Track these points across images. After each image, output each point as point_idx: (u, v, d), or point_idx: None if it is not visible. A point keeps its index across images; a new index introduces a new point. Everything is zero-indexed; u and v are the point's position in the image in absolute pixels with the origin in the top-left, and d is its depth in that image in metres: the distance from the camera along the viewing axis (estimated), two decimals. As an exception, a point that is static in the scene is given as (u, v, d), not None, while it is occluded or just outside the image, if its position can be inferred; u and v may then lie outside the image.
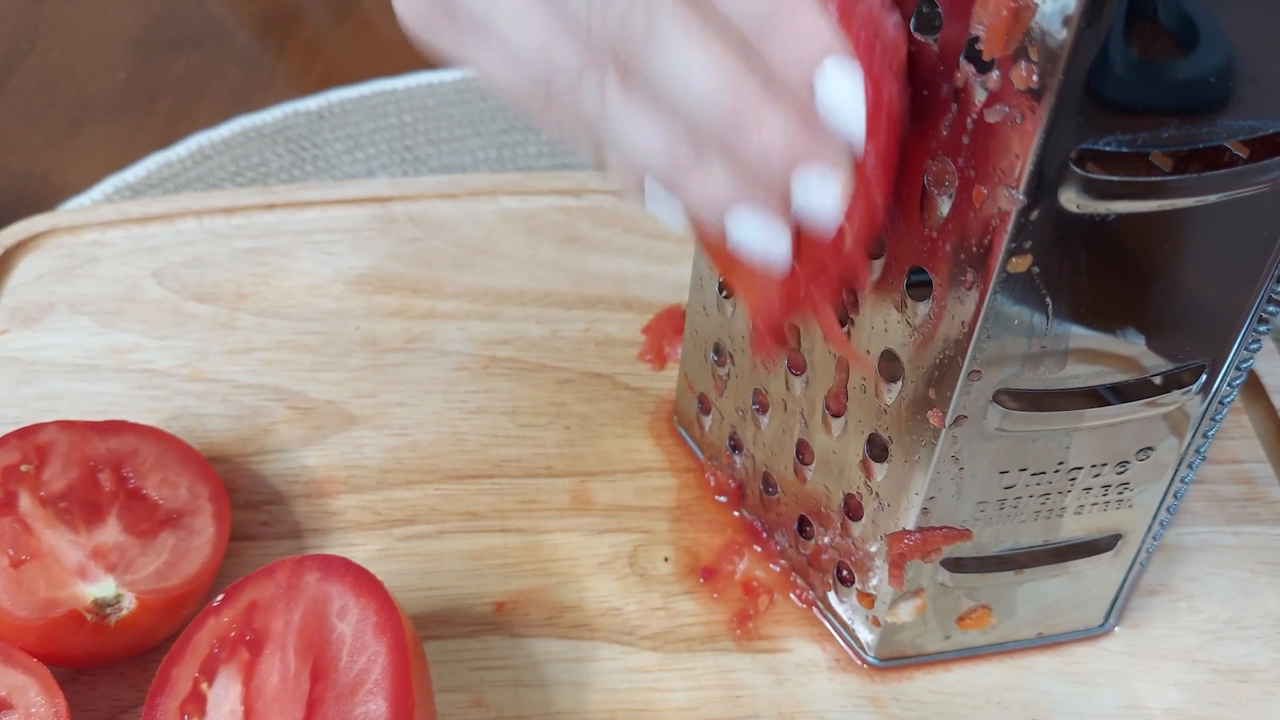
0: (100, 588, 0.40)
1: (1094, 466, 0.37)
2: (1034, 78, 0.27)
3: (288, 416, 0.50)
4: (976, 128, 0.29)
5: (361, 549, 0.46)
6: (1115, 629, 0.45)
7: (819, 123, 0.31)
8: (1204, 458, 0.39)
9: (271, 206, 0.59)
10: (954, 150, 0.30)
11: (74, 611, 0.39)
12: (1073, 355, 0.33)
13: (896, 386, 0.36)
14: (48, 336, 0.53)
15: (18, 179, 0.65)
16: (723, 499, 0.48)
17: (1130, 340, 0.34)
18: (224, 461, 0.48)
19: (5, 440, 0.43)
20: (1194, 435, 0.38)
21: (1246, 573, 0.47)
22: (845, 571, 0.42)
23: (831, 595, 0.43)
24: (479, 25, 0.35)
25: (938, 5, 0.29)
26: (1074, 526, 0.39)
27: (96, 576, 0.40)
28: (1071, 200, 0.29)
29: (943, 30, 0.29)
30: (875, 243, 0.34)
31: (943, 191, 0.31)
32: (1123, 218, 0.30)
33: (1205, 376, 0.36)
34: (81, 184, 0.65)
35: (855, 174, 0.31)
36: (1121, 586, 0.43)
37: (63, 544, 0.41)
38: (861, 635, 0.43)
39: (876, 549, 0.40)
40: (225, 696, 0.37)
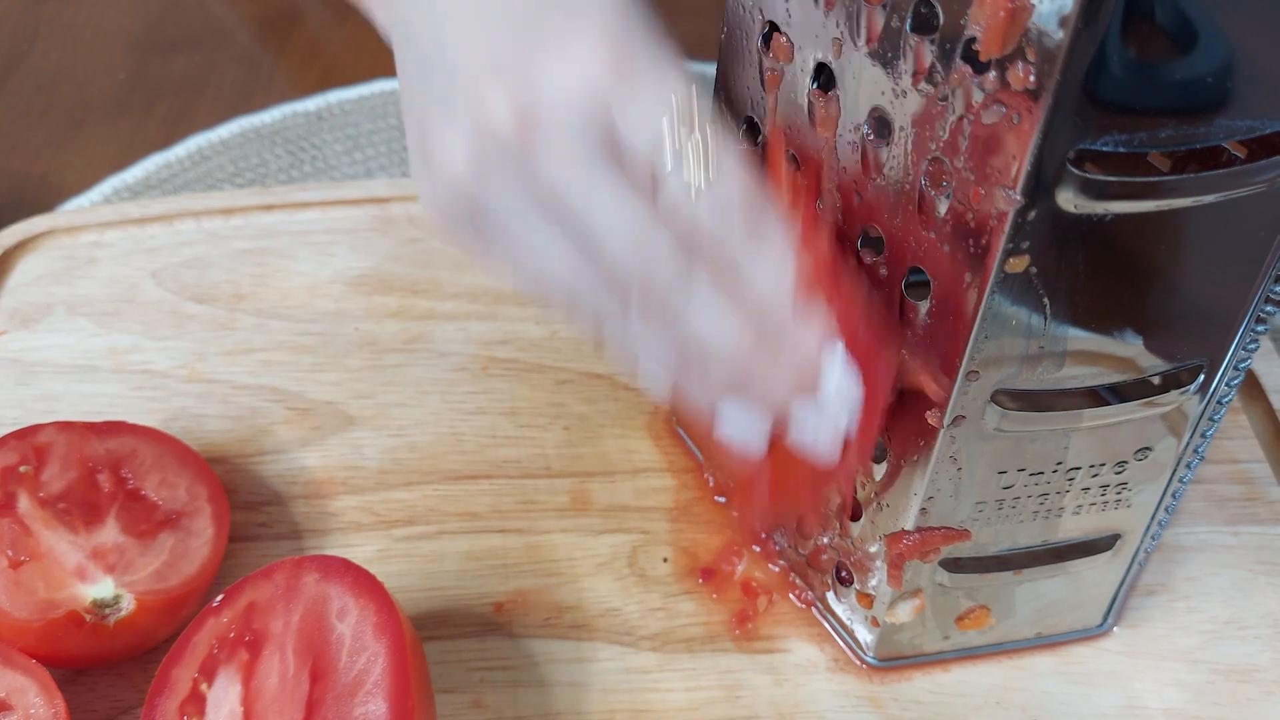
0: (99, 588, 0.40)
1: (1092, 467, 0.37)
2: (1031, 78, 0.27)
3: (286, 417, 0.50)
4: (974, 128, 0.29)
5: (361, 550, 0.46)
6: (1114, 629, 0.45)
7: (815, 386, 0.35)
8: (1202, 458, 0.39)
9: (270, 207, 0.59)
10: (951, 151, 0.30)
11: (73, 612, 0.39)
12: (1071, 355, 0.33)
13: (895, 387, 0.36)
14: (46, 337, 0.53)
15: (17, 179, 0.65)
16: (722, 499, 0.48)
17: (1128, 340, 0.34)
18: (223, 462, 0.48)
19: (4, 441, 0.43)
20: (1192, 435, 0.38)
21: (1245, 573, 0.47)
22: (844, 572, 0.42)
23: (830, 595, 0.43)
24: (509, 241, 0.37)
25: (936, 5, 0.29)
26: (1072, 526, 0.39)
27: (95, 577, 0.40)
28: (1069, 200, 0.29)
29: (940, 30, 0.29)
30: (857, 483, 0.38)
31: (941, 192, 0.31)
32: (1120, 218, 0.30)
33: (1203, 376, 0.36)
34: (81, 185, 0.65)
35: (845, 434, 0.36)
36: (1120, 586, 0.43)
37: (62, 545, 0.41)
38: (860, 635, 0.43)
39: (875, 549, 0.40)
40: (225, 697, 0.37)
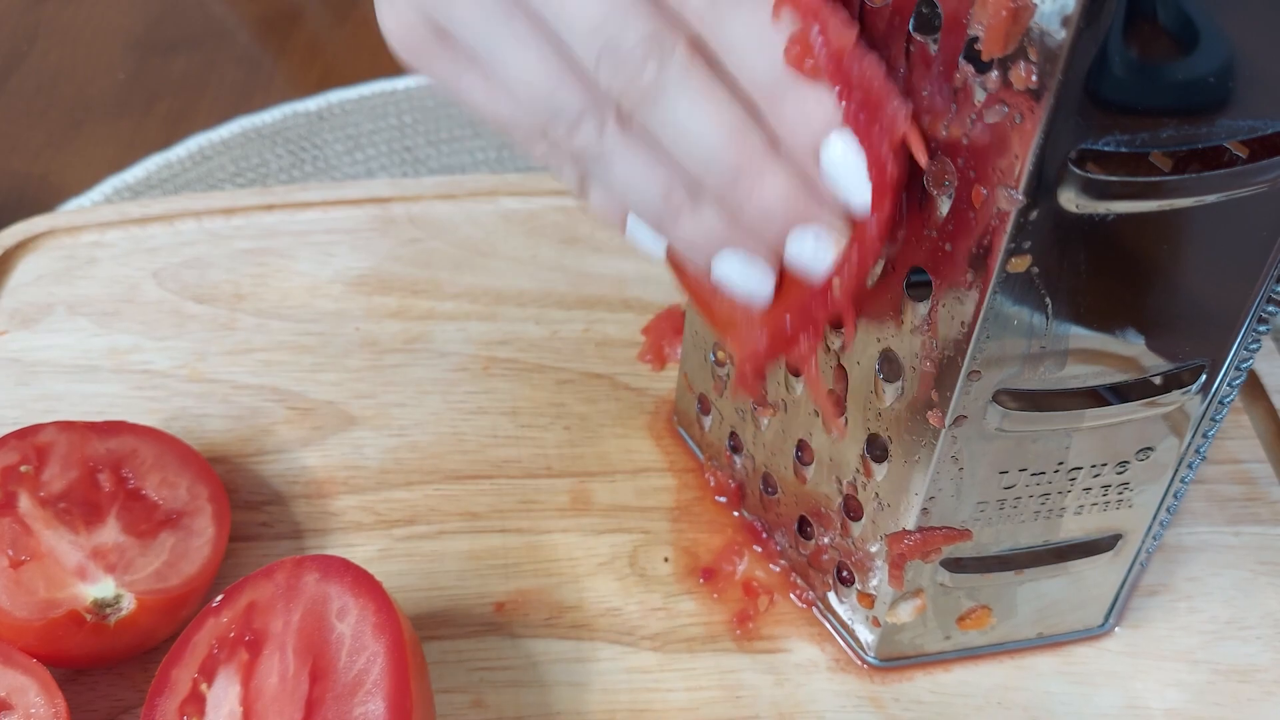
0: (100, 588, 0.40)
1: (1094, 467, 0.37)
2: (1033, 78, 0.27)
3: (287, 417, 0.50)
4: (976, 128, 0.29)
5: (361, 549, 0.46)
6: (1115, 629, 0.45)
7: (819, 187, 0.32)
8: (1204, 458, 0.39)
9: (271, 207, 0.59)
10: (953, 150, 0.30)
11: (73, 612, 0.39)
12: (1072, 355, 0.33)
13: (896, 387, 0.36)
14: (47, 337, 0.53)
15: (17, 179, 0.65)
16: (723, 499, 0.48)
17: (1130, 340, 0.34)
18: (223, 462, 0.48)
19: (4, 441, 0.43)
20: (1194, 435, 0.38)
21: (1247, 573, 0.47)
22: (845, 572, 0.42)
23: (831, 595, 0.43)
24: (476, 58, 0.35)
25: (937, 5, 0.29)
26: (1074, 527, 0.39)
27: (96, 577, 0.40)
28: (1071, 200, 0.29)
29: (941, 30, 0.29)
30: (861, 294, 0.35)
31: (942, 192, 0.31)
32: (1122, 218, 0.30)
33: (1205, 376, 0.35)
34: (81, 185, 0.65)
35: (851, 234, 0.33)
36: (1121, 587, 0.43)
37: (62, 544, 0.41)
38: (861, 635, 0.43)
39: (876, 549, 0.40)
40: (224, 697, 0.37)
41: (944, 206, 0.31)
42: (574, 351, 0.53)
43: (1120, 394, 0.35)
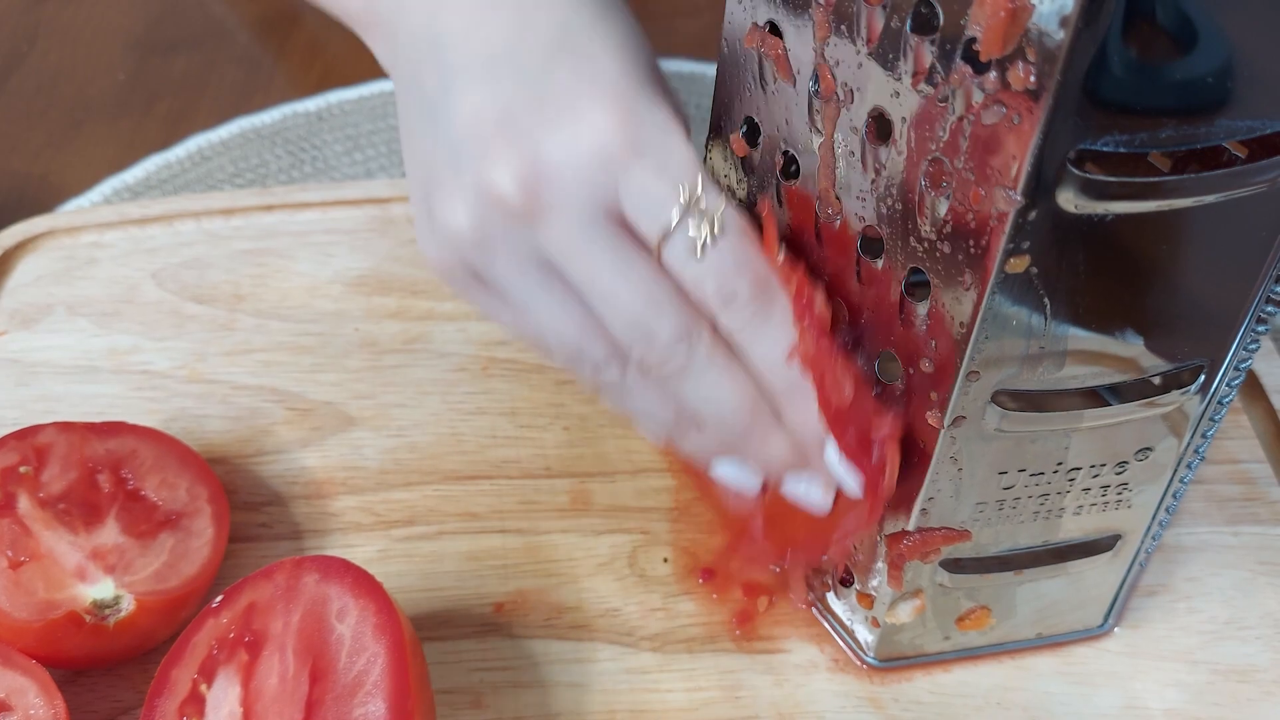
0: (99, 589, 0.40)
1: (1093, 467, 0.37)
2: (1031, 78, 0.27)
3: (286, 418, 0.50)
4: (974, 129, 0.29)
5: (360, 550, 0.46)
6: (1115, 629, 0.45)
7: (813, 452, 0.37)
8: (1203, 458, 0.39)
9: (270, 208, 0.59)
10: (952, 151, 0.30)
11: (73, 613, 0.39)
12: (1071, 356, 0.33)
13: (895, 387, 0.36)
14: (46, 338, 0.53)
15: (17, 180, 0.65)
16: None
17: (1129, 341, 0.34)
18: (223, 463, 0.48)
19: (4, 442, 0.43)
20: (1193, 435, 0.38)
21: (1246, 573, 0.46)
22: (845, 572, 0.42)
23: (831, 596, 0.43)
24: (511, 303, 0.38)
25: (936, 5, 0.29)
26: (1073, 527, 0.39)
27: (95, 578, 0.40)
28: (1069, 201, 0.29)
29: (940, 31, 0.29)
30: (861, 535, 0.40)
31: (940, 192, 0.31)
32: (1121, 218, 0.30)
33: (1204, 377, 0.35)
34: (80, 185, 0.65)
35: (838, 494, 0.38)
36: (1121, 587, 0.43)
37: (61, 545, 0.41)
38: (861, 636, 0.43)
39: (876, 550, 0.39)
40: (224, 698, 0.37)
41: (942, 207, 0.31)
42: (573, 352, 0.53)
43: (1119, 394, 0.35)
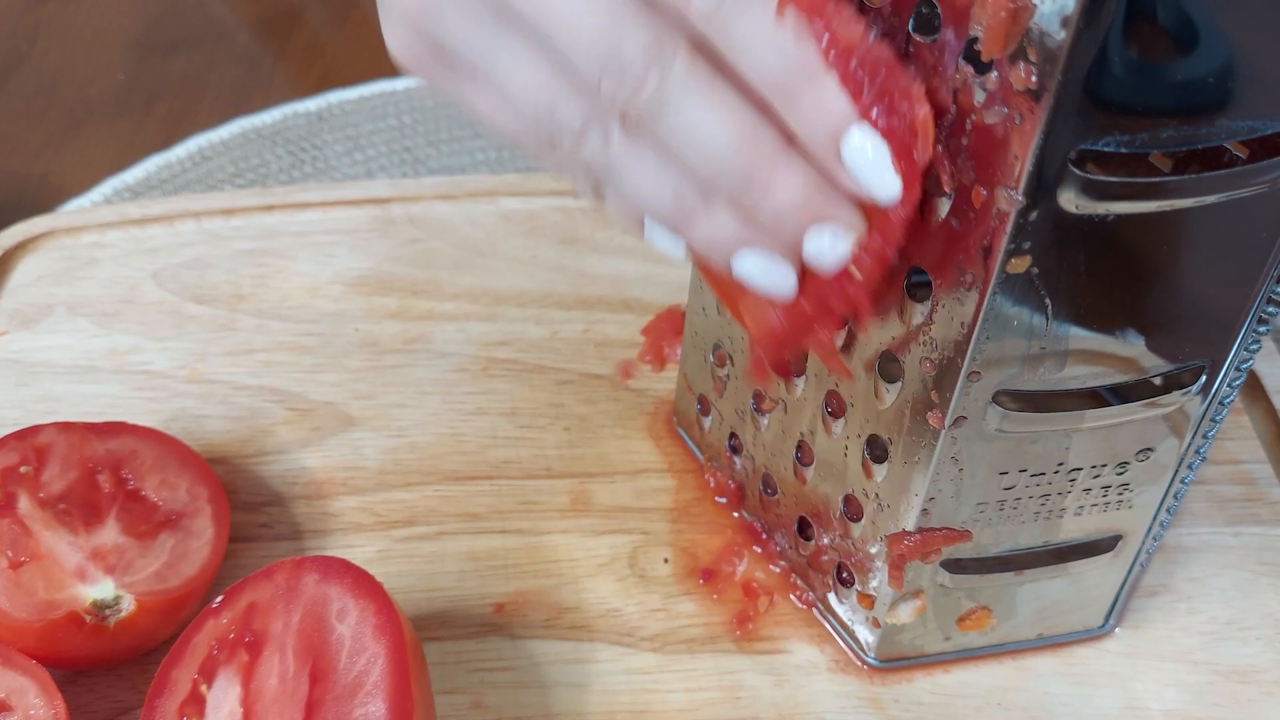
0: (99, 589, 0.40)
1: (1094, 467, 0.37)
2: (1033, 79, 0.27)
3: (287, 418, 0.50)
4: (975, 129, 0.29)
5: (361, 550, 0.46)
6: (1115, 630, 0.45)
7: (834, 183, 0.32)
8: (1204, 458, 0.39)
9: (271, 208, 0.59)
10: (953, 151, 0.30)
11: (73, 613, 0.39)
12: (1072, 356, 0.33)
13: (896, 388, 0.36)
14: (47, 338, 0.53)
15: (17, 180, 0.65)
16: (722, 500, 0.48)
17: (1130, 341, 0.34)
18: (223, 463, 0.48)
19: (4, 442, 0.43)
20: (1194, 436, 0.38)
21: (1247, 574, 0.46)
22: (845, 573, 0.42)
23: (831, 596, 0.43)
24: (476, 73, 0.35)
25: (937, 5, 0.29)
26: (1074, 527, 0.39)
27: (95, 578, 0.40)
28: (1071, 201, 0.29)
29: (941, 31, 0.29)
30: (882, 285, 0.35)
31: (942, 193, 0.31)
32: (1122, 218, 0.30)
33: (1205, 377, 0.35)
34: (81, 185, 0.65)
35: (872, 227, 0.32)
36: (1122, 587, 0.43)
37: (62, 546, 0.41)
38: (861, 636, 0.43)
39: (876, 550, 0.39)
40: (224, 698, 0.37)
41: (944, 207, 0.31)
42: (574, 352, 0.53)
43: (1120, 395, 0.35)
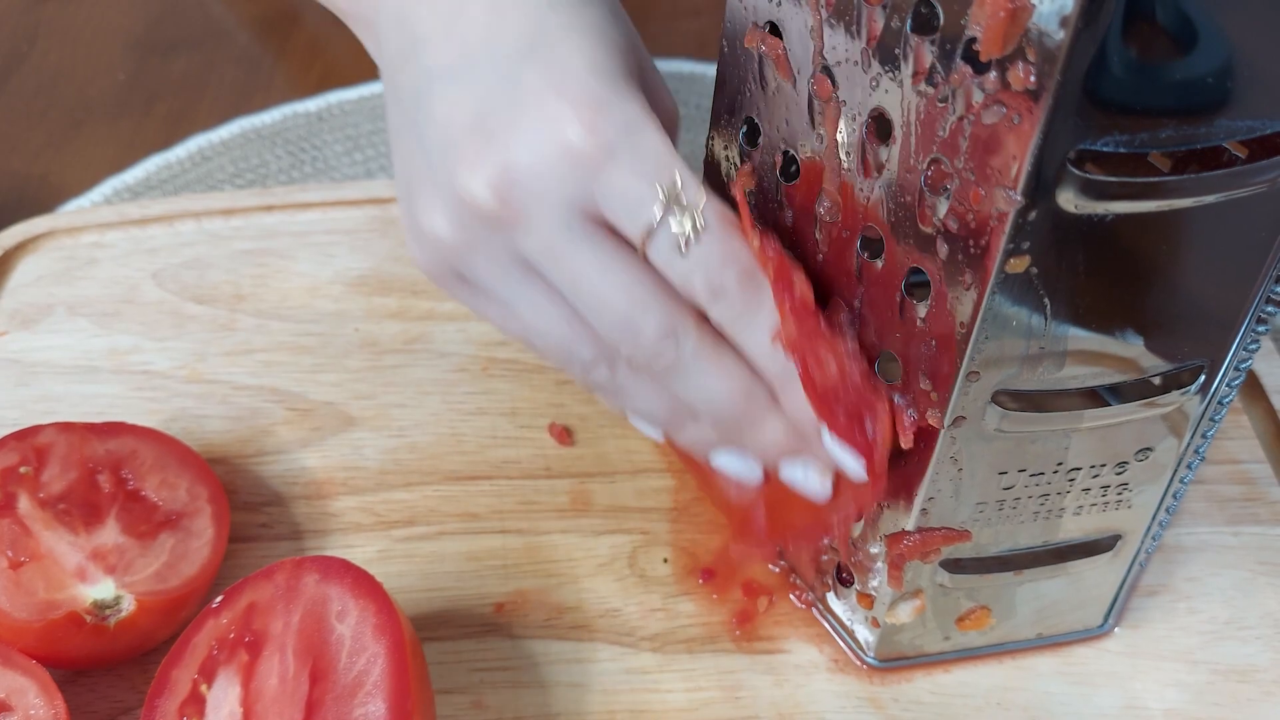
0: (99, 589, 0.40)
1: (1093, 467, 0.37)
2: (1031, 79, 0.27)
3: (287, 418, 0.50)
4: (974, 129, 0.29)
5: (361, 550, 0.46)
6: (1115, 629, 0.45)
7: (810, 437, 0.37)
8: (1203, 458, 0.39)
9: (271, 208, 0.59)
10: (952, 151, 0.30)
11: (73, 613, 0.39)
12: (1071, 356, 0.33)
13: (895, 388, 0.36)
14: (47, 338, 0.53)
15: (17, 180, 0.65)
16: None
17: (1129, 341, 0.34)
18: (223, 463, 0.48)
19: (4, 442, 0.43)
20: (1193, 435, 0.38)
21: (1246, 573, 0.46)
22: (845, 573, 0.42)
23: (831, 596, 0.43)
24: (496, 301, 0.38)
25: (936, 5, 0.29)
26: (1073, 527, 0.39)
27: (96, 578, 0.40)
28: (1070, 201, 0.29)
29: (940, 31, 0.29)
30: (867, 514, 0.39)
31: (941, 193, 0.31)
32: (1121, 218, 0.30)
33: (1204, 377, 0.35)
34: (81, 185, 0.65)
35: (846, 490, 0.38)
36: (1121, 587, 0.43)
37: (62, 546, 0.41)
38: (861, 636, 0.43)
39: (876, 550, 0.40)
40: (224, 698, 0.37)
41: (942, 207, 0.31)
42: (573, 352, 0.53)
43: (1119, 394, 0.35)
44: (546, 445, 0.50)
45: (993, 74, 0.28)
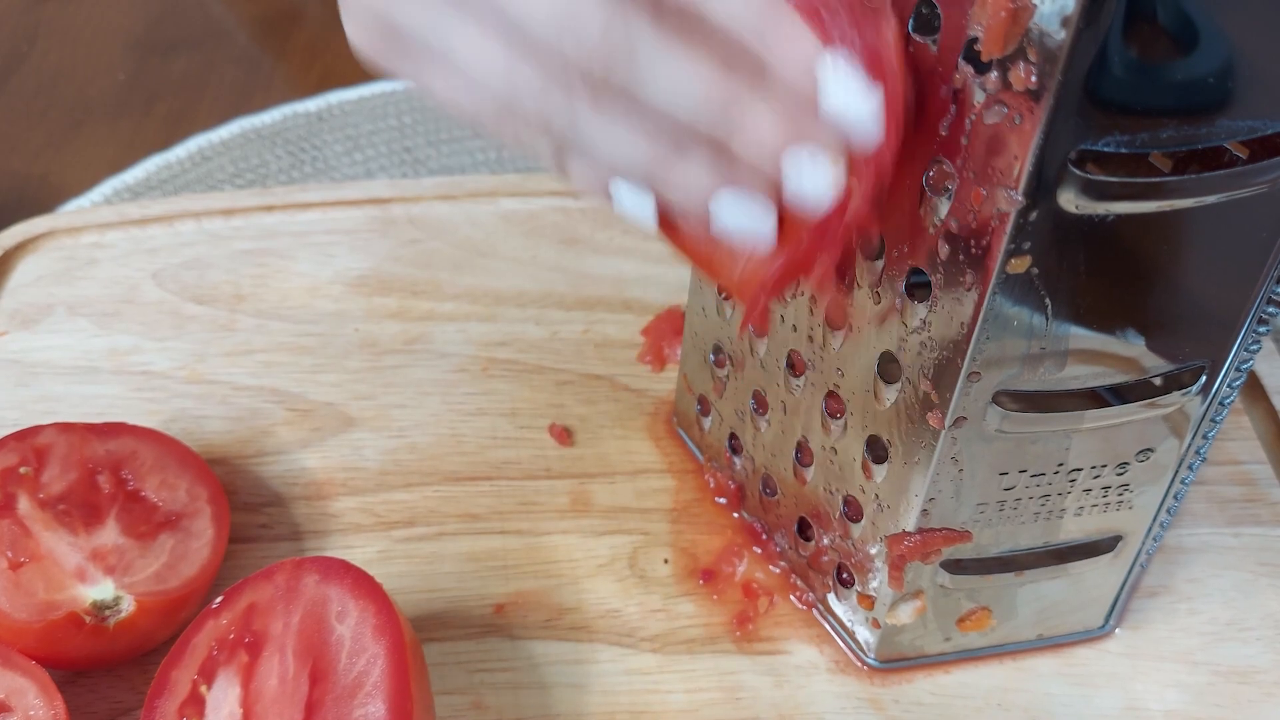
0: (99, 590, 0.40)
1: (1094, 468, 0.37)
2: (1032, 79, 0.27)
3: (287, 418, 0.50)
4: (975, 129, 0.29)
5: (361, 551, 0.46)
6: (1116, 630, 0.45)
7: (809, 110, 0.31)
8: (1204, 459, 0.39)
9: (271, 208, 0.59)
10: (953, 151, 0.30)
11: (73, 614, 0.39)
12: (1072, 356, 0.33)
13: (896, 388, 0.36)
14: (47, 338, 0.53)
15: (17, 180, 0.65)
16: (722, 500, 0.48)
17: (1130, 341, 0.34)
18: (223, 463, 0.48)
19: (4, 442, 0.43)
20: (1194, 436, 0.38)
21: (1247, 574, 0.46)
22: (845, 573, 0.42)
23: (831, 597, 0.43)
24: (434, 55, 0.34)
25: (937, 5, 0.29)
26: (1074, 528, 0.39)
27: (95, 579, 0.40)
28: (1070, 201, 0.29)
29: (941, 31, 0.29)
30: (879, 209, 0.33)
31: (942, 193, 0.31)
32: (1122, 218, 0.30)
33: (1205, 377, 0.35)
34: (81, 185, 0.65)
35: (848, 155, 0.31)
36: (1122, 588, 0.43)
37: (61, 546, 0.41)
38: (861, 637, 0.43)
39: (876, 551, 0.39)
40: (224, 699, 0.37)
41: (943, 208, 0.31)
42: (574, 353, 0.53)
43: (1120, 395, 0.35)
44: (546, 446, 0.50)
45: (994, 74, 0.28)
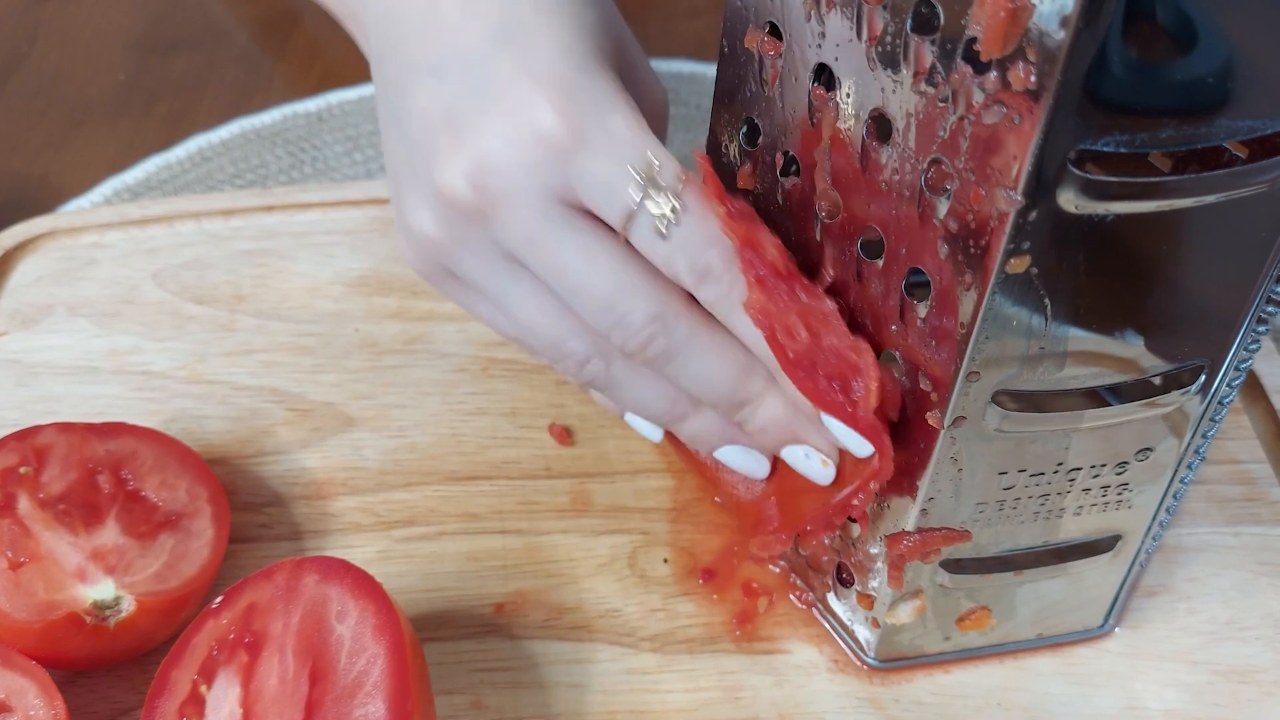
0: (99, 590, 0.40)
1: (1093, 467, 0.37)
2: (1032, 78, 0.27)
3: (287, 418, 0.50)
4: (974, 129, 0.29)
5: (360, 551, 0.46)
6: (1115, 630, 0.45)
7: (812, 417, 0.36)
8: (1203, 458, 0.39)
9: (270, 208, 0.59)
10: (952, 151, 0.30)
11: (73, 614, 0.39)
12: (1071, 356, 0.33)
13: (895, 387, 0.36)
14: (47, 338, 0.53)
15: (17, 180, 0.65)
16: (721, 499, 0.48)
17: (1129, 341, 0.34)
18: (223, 463, 0.48)
19: (4, 442, 0.43)
20: (1193, 436, 0.38)
21: (1246, 573, 0.46)
22: (845, 573, 0.42)
23: (831, 596, 0.43)
24: (487, 297, 0.38)
25: (937, 5, 0.29)
26: (1073, 527, 0.39)
27: (95, 579, 0.40)
28: (1070, 201, 0.29)
29: (940, 31, 0.29)
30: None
31: (941, 193, 0.31)
32: (1121, 218, 0.30)
33: (1204, 377, 0.35)
34: (80, 186, 0.65)
35: (851, 470, 0.37)
36: (1121, 587, 0.43)
37: (62, 546, 0.41)
38: (861, 636, 0.43)
39: (876, 550, 0.39)
40: (224, 699, 0.37)
41: (942, 208, 0.31)
42: (573, 352, 0.53)
43: (1119, 394, 0.35)
44: (546, 445, 0.50)
45: (993, 74, 0.28)
